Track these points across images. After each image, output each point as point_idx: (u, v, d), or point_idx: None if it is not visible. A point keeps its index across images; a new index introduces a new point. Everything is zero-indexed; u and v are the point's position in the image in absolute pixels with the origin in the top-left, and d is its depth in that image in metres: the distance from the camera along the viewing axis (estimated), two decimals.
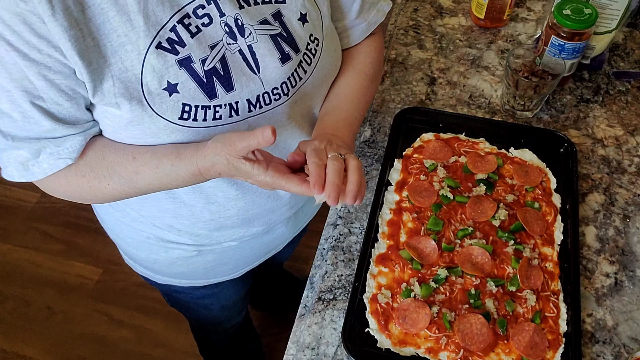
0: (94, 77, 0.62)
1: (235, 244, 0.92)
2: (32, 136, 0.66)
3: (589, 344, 0.78)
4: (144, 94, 0.64)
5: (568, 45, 0.99)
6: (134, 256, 1.00)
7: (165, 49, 0.63)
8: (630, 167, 0.97)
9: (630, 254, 0.86)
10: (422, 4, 1.28)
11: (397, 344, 0.75)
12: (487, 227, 0.86)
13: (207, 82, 0.66)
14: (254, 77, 0.70)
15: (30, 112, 0.63)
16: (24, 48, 0.58)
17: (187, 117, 0.67)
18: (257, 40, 0.69)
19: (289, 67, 0.72)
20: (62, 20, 0.57)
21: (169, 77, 0.64)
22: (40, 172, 0.69)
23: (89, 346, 1.81)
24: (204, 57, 0.66)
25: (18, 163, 0.68)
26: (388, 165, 0.94)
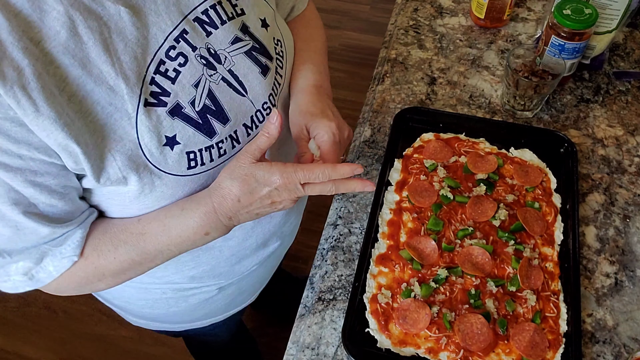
0: (94, 159, 0.58)
1: (255, 268, 0.92)
2: (30, 245, 0.62)
3: (589, 344, 0.78)
4: (147, 157, 0.61)
5: (568, 45, 0.99)
6: (148, 316, 0.95)
7: (152, 104, 0.60)
8: (631, 167, 0.97)
9: (630, 253, 0.86)
10: (422, 4, 1.28)
11: (397, 344, 0.76)
12: (487, 227, 0.86)
13: (203, 122, 0.64)
14: (244, 100, 0.68)
15: (24, 223, 0.59)
16: (3, 159, 0.54)
17: (194, 164, 0.65)
18: (234, 63, 0.67)
19: (270, 77, 0.71)
20: (49, 112, 0.53)
21: (166, 132, 0.61)
22: (47, 277, 0.65)
23: (89, 345, 1.81)
24: (191, 99, 0.63)
25: (21, 275, 0.63)
26: (388, 165, 0.94)
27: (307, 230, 1.65)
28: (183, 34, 0.62)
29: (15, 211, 0.58)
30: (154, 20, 0.60)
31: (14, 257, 0.62)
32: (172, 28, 0.61)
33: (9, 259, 0.62)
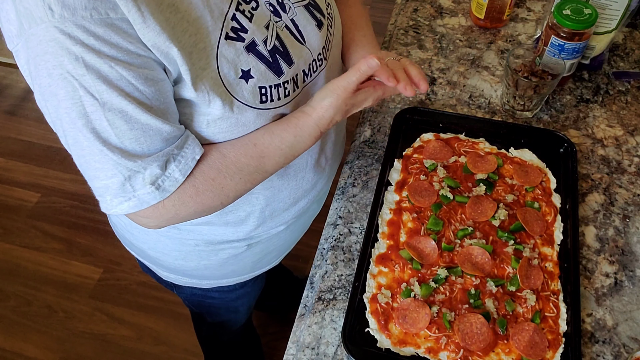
0: (191, 75, 0.62)
1: (282, 228, 0.94)
2: (155, 149, 0.64)
3: (588, 344, 0.78)
4: (225, 86, 0.66)
5: (568, 46, 0.99)
6: (180, 268, 0.97)
7: (232, 39, 0.65)
8: (630, 167, 0.97)
9: (630, 254, 0.86)
10: (422, 4, 1.28)
11: (397, 344, 0.76)
12: (487, 227, 0.86)
13: (273, 61, 0.69)
14: (302, 48, 0.73)
15: (150, 123, 0.62)
16: (126, 58, 0.57)
17: (265, 99, 0.70)
18: (297, 13, 0.73)
19: (323, 32, 0.77)
20: (154, 25, 0.57)
21: (242, 65, 0.66)
22: (174, 183, 0.67)
23: (89, 345, 1.81)
24: (264, 38, 0.68)
25: (149, 185, 0.65)
26: (388, 165, 0.94)
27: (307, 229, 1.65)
28: None
29: (140, 110, 0.60)
30: None
31: (144, 160, 0.64)
32: None
33: (140, 162, 0.63)
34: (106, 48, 0.56)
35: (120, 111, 0.60)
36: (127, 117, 0.60)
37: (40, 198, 2.16)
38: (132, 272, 1.97)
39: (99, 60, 0.56)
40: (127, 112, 0.60)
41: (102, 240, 2.05)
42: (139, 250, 0.98)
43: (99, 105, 0.59)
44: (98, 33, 0.55)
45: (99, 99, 0.58)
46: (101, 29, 0.55)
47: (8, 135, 2.38)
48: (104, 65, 0.57)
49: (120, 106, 0.59)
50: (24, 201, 2.16)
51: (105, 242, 2.05)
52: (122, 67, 0.57)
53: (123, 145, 0.62)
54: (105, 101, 0.58)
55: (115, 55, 0.57)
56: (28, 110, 2.49)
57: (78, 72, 0.57)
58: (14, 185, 2.21)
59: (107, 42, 0.56)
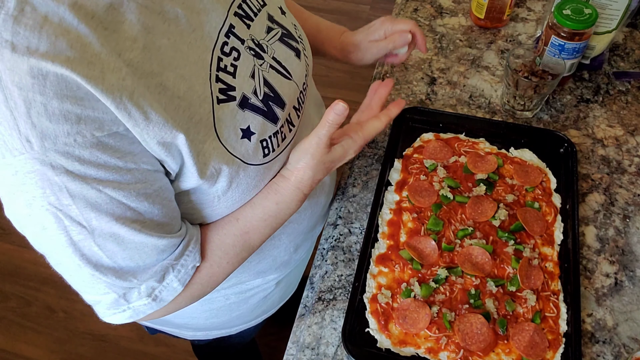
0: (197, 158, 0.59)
1: (304, 255, 0.94)
2: (151, 263, 0.61)
3: (589, 344, 0.78)
4: (230, 151, 0.62)
5: (568, 45, 0.99)
6: (211, 326, 0.95)
7: (224, 101, 0.61)
8: (630, 167, 0.97)
9: (630, 254, 0.86)
10: (422, 4, 1.28)
11: (397, 344, 0.76)
12: (487, 227, 0.86)
13: (268, 110, 0.66)
14: (290, 84, 0.71)
15: (144, 240, 0.58)
16: (115, 177, 0.53)
17: (267, 152, 0.67)
18: (275, 50, 0.69)
19: (302, 59, 0.75)
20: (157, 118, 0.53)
21: (240, 124, 0.62)
22: (171, 294, 0.64)
23: (90, 345, 1.81)
24: (253, 89, 0.64)
25: (145, 297, 0.62)
26: (388, 165, 0.94)
27: None
28: (231, 28, 0.63)
29: (133, 231, 0.56)
30: (205, 19, 0.59)
31: (139, 278, 0.60)
32: (221, 24, 0.62)
33: (135, 281, 0.60)
34: (93, 171, 0.51)
35: (112, 235, 0.55)
36: (119, 240, 0.56)
37: None
38: None
39: (85, 187, 0.51)
40: (119, 234, 0.56)
41: None
42: (162, 321, 0.94)
43: (88, 233, 0.54)
44: (84, 157, 0.50)
45: (88, 227, 0.54)
46: (87, 151, 0.50)
47: None
48: (92, 191, 0.52)
49: (112, 230, 0.55)
50: None
51: None
52: (112, 189, 0.53)
53: (116, 264, 0.58)
54: (94, 228, 0.54)
55: (103, 176, 0.52)
56: None
57: (63, 202, 0.51)
58: None
59: (94, 164, 0.51)
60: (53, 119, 0.47)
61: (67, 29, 0.46)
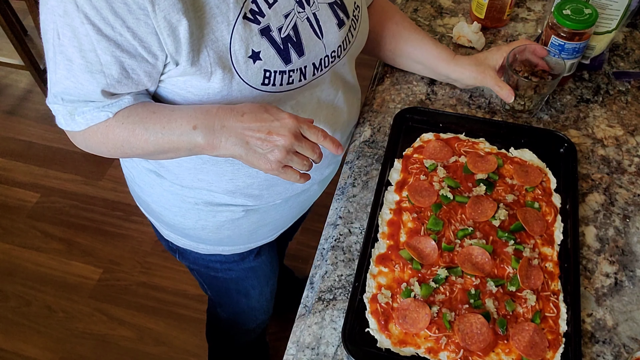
0: (193, 47, 0.67)
1: (279, 201, 0.96)
2: (82, 99, 0.72)
3: (588, 344, 0.78)
4: (233, 62, 0.70)
5: (568, 45, 0.99)
6: (179, 225, 1.00)
7: (249, 20, 0.69)
8: (630, 167, 0.97)
9: (630, 254, 0.86)
10: (422, 4, 1.28)
11: (397, 344, 0.76)
12: (487, 227, 0.86)
13: (284, 49, 0.73)
14: (318, 42, 0.77)
15: (87, 84, 0.68)
16: (99, 23, 0.63)
17: (267, 82, 0.73)
18: (319, 9, 0.76)
19: (343, 31, 0.80)
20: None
21: (253, 46, 0.70)
22: (83, 122, 0.73)
23: (89, 345, 1.81)
24: (280, 25, 0.72)
25: (66, 112, 0.73)
26: (388, 165, 0.94)
27: (307, 230, 1.65)
28: None
29: (83, 69, 0.67)
30: None
31: (65, 102, 0.72)
32: None
33: (60, 102, 0.73)
34: (88, 7, 0.62)
35: (69, 60, 0.67)
36: (70, 67, 0.67)
37: (40, 198, 2.16)
38: (132, 273, 1.97)
39: (76, 12, 0.63)
40: (73, 62, 0.67)
41: (102, 240, 2.05)
42: (145, 204, 1.02)
43: (58, 45, 0.66)
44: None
45: (60, 39, 0.66)
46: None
47: (8, 135, 2.38)
48: (77, 19, 0.63)
49: (71, 56, 0.66)
50: (24, 201, 2.16)
51: (105, 242, 2.05)
52: (92, 27, 0.63)
53: (56, 85, 0.71)
54: (62, 44, 0.66)
55: (92, 16, 0.62)
56: (28, 110, 2.49)
57: (58, 11, 0.64)
58: (14, 185, 2.21)
59: (91, 4, 0.62)
60: None
61: None
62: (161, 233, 1.08)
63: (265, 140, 0.69)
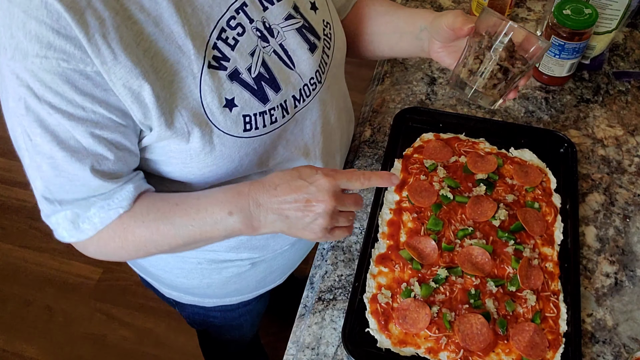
0: (163, 111, 0.62)
1: (286, 247, 0.92)
2: (80, 197, 0.65)
3: (589, 344, 0.78)
4: (208, 116, 0.65)
5: (568, 45, 0.99)
6: (182, 286, 0.96)
7: (214, 67, 0.64)
8: (630, 167, 0.97)
9: (630, 253, 0.86)
10: (422, 4, 1.28)
11: (397, 344, 0.76)
12: (487, 227, 0.86)
13: (258, 89, 0.68)
14: (292, 73, 0.72)
15: (78, 174, 0.62)
16: (68, 108, 0.58)
17: (249, 127, 0.68)
18: (286, 38, 0.71)
19: (317, 55, 0.75)
20: (126, 61, 0.57)
21: (226, 94, 0.65)
22: (91, 228, 0.67)
23: (89, 346, 1.81)
24: (248, 65, 0.67)
25: (68, 222, 0.67)
26: (388, 165, 0.94)
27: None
28: (243, 6, 0.66)
29: (71, 160, 0.61)
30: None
31: (63, 206, 0.65)
32: (234, 0, 0.66)
33: (59, 207, 0.65)
34: (50, 95, 0.57)
35: (50, 157, 0.61)
36: (54, 164, 0.61)
37: None
38: (132, 273, 1.94)
39: (39, 105, 0.57)
40: (56, 159, 0.61)
41: None
42: (141, 267, 0.97)
43: (31, 146, 0.61)
44: (45, 80, 0.56)
45: (32, 140, 0.60)
46: (49, 76, 0.55)
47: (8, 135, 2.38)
48: (43, 111, 0.58)
49: (51, 153, 0.60)
50: (24, 201, 2.16)
51: None
52: (61, 116, 0.58)
53: (45, 191, 0.64)
54: (37, 144, 0.60)
55: (57, 103, 0.57)
56: None
57: (20, 111, 0.59)
58: (14, 185, 2.21)
59: (53, 90, 0.56)
60: (27, 37, 0.53)
61: None
62: (161, 292, 1.03)
63: (305, 210, 0.64)
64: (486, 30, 0.73)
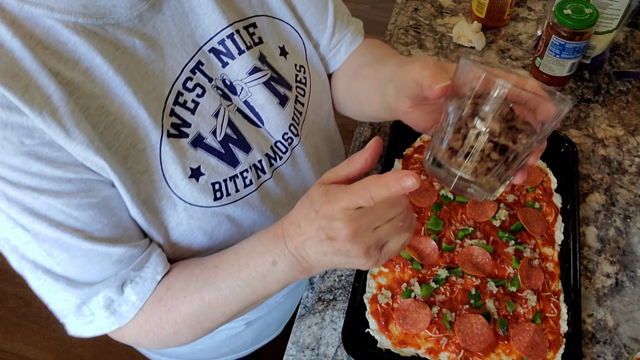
0: (127, 188, 0.56)
1: (281, 299, 0.89)
2: (108, 274, 0.58)
3: (589, 345, 0.78)
4: (172, 190, 0.59)
5: (569, 45, 0.99)
6: (171, 353, 0.90)
7: (175, 136, 0.58)
8: (631, 167, 0.96)
9: (630, 254, 0.86)
10: (422, 4, 1.28)
11: (397, 345, 0.75)
12: (488, 228, 0.86)
13: (226, 152, 0.62)
14: (260, 131, 0.66)
15: (94, 249, 0.56)
16: (52, 187, 0.52)
17: (220, 195, 0.62)
18: (252, 93, 0.65)
19: (289, 107, 0.69)
20: (81, 137, 0.51)
21: (190, 163, 0.60)
22: (130, 309, 0.60)
23: (89, 345, 1.81)
24: (213, 128, 0.61)
25: (103, 309, 0.58)
26: (388, 165, 0.94)
27: None
28: (199, 65, 0.61)
29: (79, 239, 0.55)
30: (169, 52, 0.59)
31: (93, 287, 0.57)
32: (188, 59, 0.60)
33: (88, 290, 0.57)
34: (26, 179, 0.50)
35: (57, 241, 0.54)
36: (65, 247, 0.55)
37: None
38: None
39: (20, 193, 0.51)
40: (64, 241, 0.54)
41: None
42: None
43: (32, 237, 0.53)
44: (14, 164, 0.50)
45: (30, 231, 0.53)
46: (17, 159, 0.49)
47: None
48: (27, 197, 0.51)
49: (55, 236, 0.54)
50: None
51: None
52: (48, 197, 0.52)
53: (68, 274, 0.57)
54: (38, 232, 0.53)
55: (38, 185, 0.51)
56: None
57: (2, 205, 0.52)
58: None
59: (27, 172, 0.50)
60: None
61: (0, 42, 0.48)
62: (148, 357, 0.96)
63: (331, 244, 0.51)
64: (469, 88, 0.48)
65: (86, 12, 0.53)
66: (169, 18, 0.59)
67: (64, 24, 0.52)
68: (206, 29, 0.62)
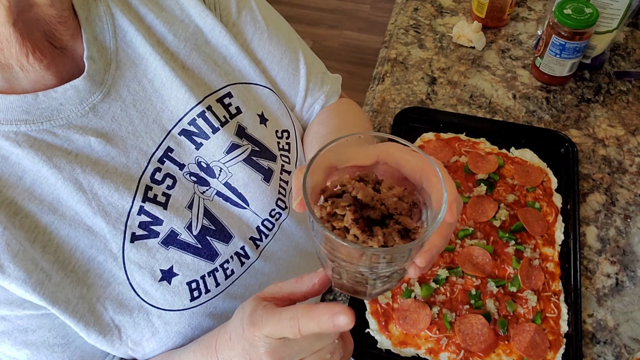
0: (79, 314, 0.51)
1: None
2: None
3: (589, 345, 0.77)
4: (141, 297, 0.54)
5: (569, 45, 0.99)
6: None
7: (142, 237, 0.53)
8: (631, 167, 0.96)
9: (631, 254, 0.86)
10: (422, 4, 1.28)
11: (397, 345, 0.75)
12: (488, 228, 0.86)
13: (203, 246, 0.57)
14: (244, 213, 0.61)
15: None
16: None
17: (198, 294, 0.57)
18: (232, 174, 0.59)
19: (274, 181, 0.63)
20: (16, 273, 0.46)
21: (160, 265, 0.54)
22: None
23: None
24: (188, 222, 0.56)
25: None
26: None
27: None
28: (168, 152, 0.56)
29: None
30: (133, 144, 0.53)
31: None
32: (155, 148, 0.55)
33: None
34: None
35: None
36: None
37: None
38: None
39: None
40: None
41: None
42: None
43: None
44: None
45: None
46: None
47: None
48: None
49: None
50: None
51: None
52: None
53: None
54: None
55: None
56: None
57: None
58: None
59: None
60: None
61: None
62: None
63: None
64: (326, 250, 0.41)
65: (29, 118, 0.47)
66: (129, 105, 0.54)
67: (4, 136, 0.47)
68: (173, 110, 0.56)
